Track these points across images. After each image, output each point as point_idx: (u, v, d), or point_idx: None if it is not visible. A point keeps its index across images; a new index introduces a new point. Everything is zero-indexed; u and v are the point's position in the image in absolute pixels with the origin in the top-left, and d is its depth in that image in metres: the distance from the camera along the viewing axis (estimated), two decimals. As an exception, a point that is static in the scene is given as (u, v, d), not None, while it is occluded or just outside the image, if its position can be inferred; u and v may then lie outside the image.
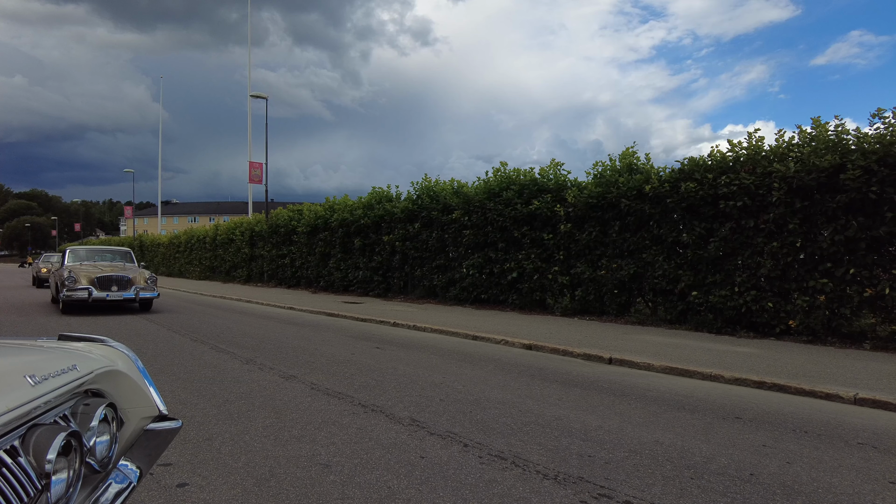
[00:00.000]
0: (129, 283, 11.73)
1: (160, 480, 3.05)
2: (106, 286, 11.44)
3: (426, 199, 14.20)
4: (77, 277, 11.28)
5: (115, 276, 11.64)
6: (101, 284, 11.41)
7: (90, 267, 12.25)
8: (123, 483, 1.59)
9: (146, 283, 12.04)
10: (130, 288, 11.71)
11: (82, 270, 11.72)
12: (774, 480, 3.15)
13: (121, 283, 11.64)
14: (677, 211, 9.23)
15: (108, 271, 11.81)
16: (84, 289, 11.16)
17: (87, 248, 14.20)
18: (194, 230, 29.73)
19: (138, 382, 1.75)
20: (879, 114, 7.44)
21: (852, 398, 4.95)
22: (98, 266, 12.47)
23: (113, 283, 11.54)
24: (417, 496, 2.87)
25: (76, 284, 11.17)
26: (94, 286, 11.29)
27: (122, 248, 14.46)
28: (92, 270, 11.78)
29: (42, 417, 1.33)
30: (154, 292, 12.08)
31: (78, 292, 11.12)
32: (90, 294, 11.15)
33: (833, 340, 7.59)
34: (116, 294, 11.49)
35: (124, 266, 12.94)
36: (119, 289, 11.55)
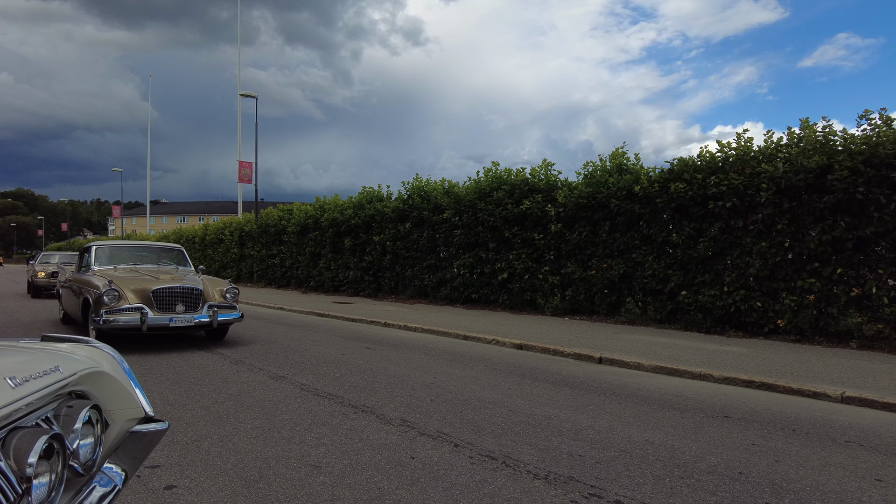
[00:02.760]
0: (200, 300, 7.53)
1: (147, 483, 3.01)
2: (168, 304, 7.26)
3: (417, 198, 14.18)
4: (122, 291, 7.09)
5: (179, 289, 7.37)
6: (160, 302, 7.20)
7: (133, 274, 8.00)
8: (108, 486, 1.56)
9: (224, 297, 7.81)
10: (202, 307, 7.52)
11: (126, 280, 7.46)
12: (763, 479, 3.17)
13: (189, 298, 7.43)
14: (667, 211, 9.28)
15: (165, 280, 7.49)
16: (134, 309, 7.02)
17: (117, 244, 9.62)
18: (183, 230, 29.51)
19: (123, 384, 1.72)
20: (866, 115, 7.52)
21: (839, 397, 4.99)
22: (143, 272, 8.19)
23: (178, 299, 7.33)
24: (408, 497, 2.86)
25: (120, 302, 7.00)
26: (150, 305, 7.12)
27: (171, 245, 9.86)
28: (140, 279, 7.56)
29: (23, 420, 1.30)
30: (236, 312, 7.86)
31: (124, 315, 6.95)
32: (144, 318, 6.96)
33: (820, 339, 7.66)
34: (184, 317, 7.24)
35: (182, 272, 8.64)
36: (187, 308, 7.38)
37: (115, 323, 6.89)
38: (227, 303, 7.79)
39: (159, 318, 7.08)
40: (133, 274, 8.00)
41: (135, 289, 7.23)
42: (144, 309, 7.04)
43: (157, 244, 9.92)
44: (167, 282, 7.44)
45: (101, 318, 6.85)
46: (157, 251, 9.69)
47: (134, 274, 8.00)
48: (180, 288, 7.40)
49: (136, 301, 7.10)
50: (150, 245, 9.89)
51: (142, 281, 7.49)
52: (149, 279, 7.58)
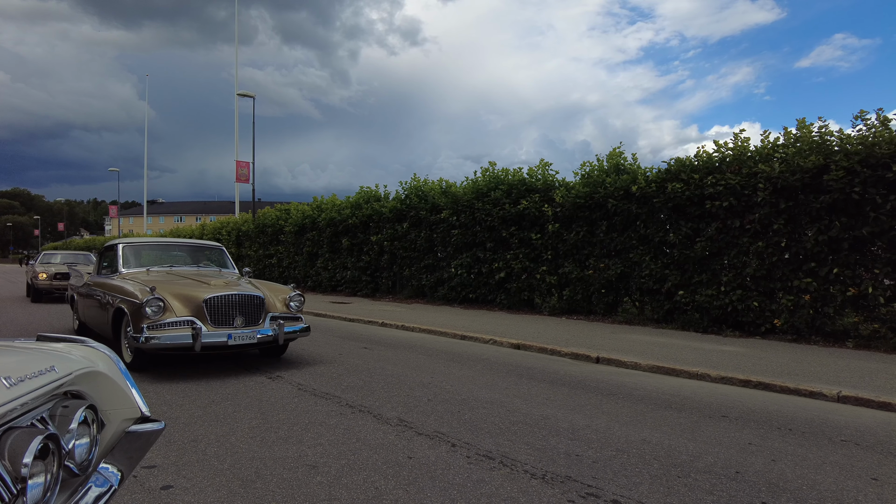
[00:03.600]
0: (262, 310, 6.10)
1: (144, 483, 3.01)
2: (224, 317, 5.81)
3: (415, 198, 14.17)
4: (167, 301, 5.67)
5: (237, 297, 5.93)
6: (214, 314, 5.76)
7: (174, 278, 6.54)
8: (104, 486, 1.56)
9: (287, 306, 6.41)
10: (264, 318, 6.08)
11: (168, 286, 6.02)
12: (760, 478, 3.18)
13: (249, 309, 5.99)
14: (664, 211, 9.29)
15: (218, 287, 6.04)
16: (183, 323, 5.62)
17: (149, 241, 8.23)
18: (180, 230, 29.45)
19: (119, 383, 1.72)
20: (862, 115, 7.54)
21: (836, 396, 5.01)
22: (184, 276, 6.76)
23: (236, 310, 5.89)
24: (405, 496, 2.85)
25: (166, 315, 5.59)
26: (202, 317, 5.70)
27: (210, 244, 8.27)
28: (186, 285, 6.11)
29: (18, 420, 1.30)
30: (302, 323, 6.46)
31: (171, 331, 5.55)
32: (197, 335, 5.52)
33: (817, 339, 7.68)
34: (245, 333, 5.80)
35: (228, 275, 7.26)
36: (247, 321, 5.94)
37: (161, 341, 5.40)
38: (291, 313, 6.35)
39: (215, 335, 5.58)
40: (174, 278, 6.52)
41: (183, 297, 5.75)
42: (197, 323, 5.58)
43: (194, 241, 8.32)
44: (221, 288, 5.96)
45: (141, 336, 5.37)
46: (195, 250, 8.13)
47: (175, 278, 6.52)
48: (238, 296, 5.90)
49: (186, 313, 5.64)
50: (187, 243, 8.29)
51: (189, 287, 6.01)
52: (196, 285, 6.11)
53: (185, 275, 6.83)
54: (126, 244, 7.61)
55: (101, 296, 6.79)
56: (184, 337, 5.52)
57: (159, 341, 5.46)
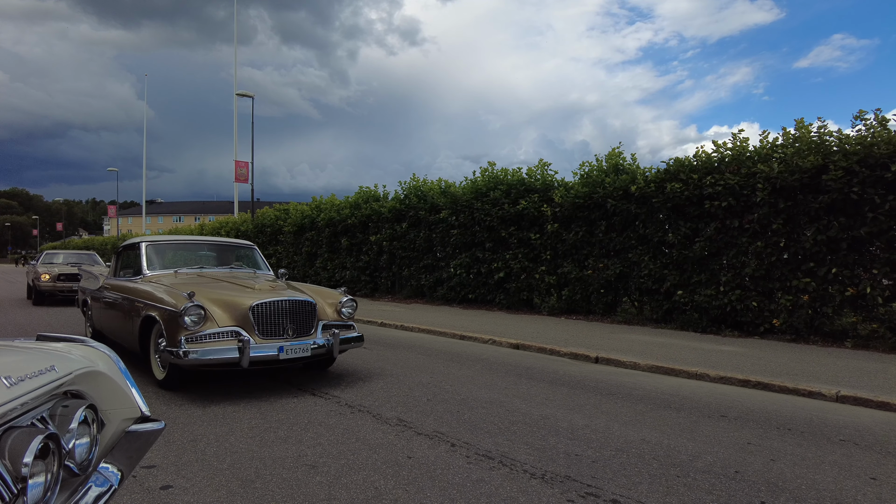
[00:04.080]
0: (314, 319, 5.30)
1: (144, 482, 3.00)
2: (273, 327, 4.99)
3: (414, 198, 14.17)
4: (209, 312, 4.84)
5: (287, 304, 5.11)
6: (263, 324, 4.94)
7: (209, 282, 5.75)
8: (104, 486, 1.56)
9: (339, 313, 5.65)
10: (316, 327, 5.28)
11: (206, 291, 5.19)
12: (759, 477, 3.18)
13: (300, 317, 5.17)
14: (663, 211, 9.30)
15: (264, 292, 5.21)
16: (228, 334, 4.81)
17: (174, 239, 7.06)
18: (179, 230, 29.44)
19: (119, 383, 1.72)
20: (861, 116, 7.55)
21: (834, 396, 5.02)
22: (220, 279, 5.96)
23: (286, 318, 5.07)
24: (405, 496, 2.85)
25: (207, 325, 4.78)
26: (248, 328, 4.88)
27: (242, 242, 7.35)
28: (227, 290, 5.30)
29: (18, 420, 1.30)
30: (356, 331, 5.71)
31: (214, 344, 4.73)
32: (245, 348, 4.68)
33: (815, 339, 7.69)
34: (297, 345, 4.99)
35: (263, 277, 6.44)
36: (297, 331, 5.11)
37: (202, 356, 4.56)
38: (342, 320, 5.61)
39: (264, 348, 4.77)
40: (208, 281, 5.73)
41: (225, 304, 4.93)
42: (243, 334, 4.77)
43: (224, 240, 7.42)
44: (267, 293, 5.12)
45: (179, 349, 4.55)
46: (225, 249, 7.20)
47: (210, 281, 5.73)
48: (289, 302, 5.07)
49: (229, 322, 4.82)
50: (217, 241, 7.35)
51: (230, 292, 5.18)
52: (238, 289, 5.31)
53: (220, 277, 6.05)
54: (150, 243, 6.63)
55: (123, 302, 5.97)
56: (229, 351, 4.65)
57: (200, 356, 4.57)
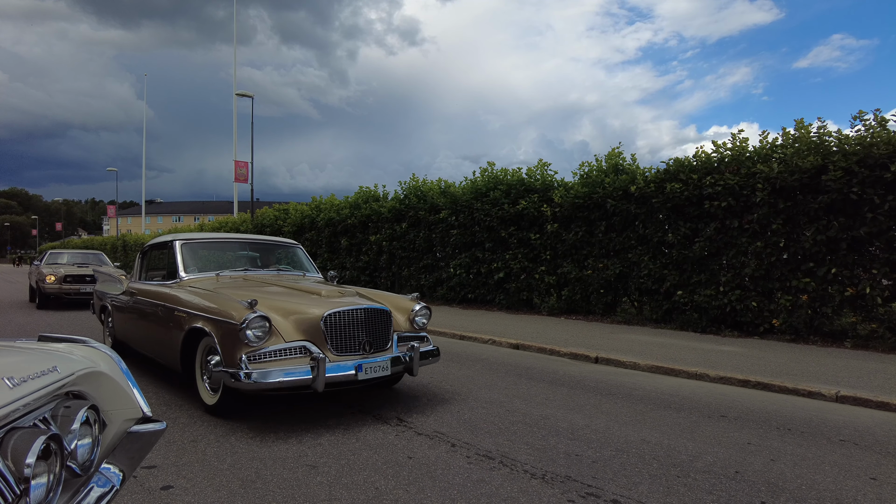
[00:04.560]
0: (390, 330, 4.59)
1: (144, 483, 3.01)
2: (348, 341, 4.25)
3: (413, 198, 14.17)
4: (274, 324, 4.06)
5: (362, 313, 4.37)
6: (337, 337, 4.22)
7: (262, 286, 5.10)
8: (106, 486, 1.56)
9: (412, 323, 4.90)
10: (391, 340, 4.58)
11: (266, 298, 4.40)
12: (759, 478, 3.19)
13: (376, 328, 4.45)
14: (663, 211, 9.30)
15: (333, 298, 4.53)
16: (297, 350, 4.06)
17: (211, 238, 6.16)
18: (179, 230, 29.42)
19: (121, 384, 1.72)
20: (860, 116, 7.56)
21: (834, 396, 5.02)
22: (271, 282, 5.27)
23: (361, 330, 4.33)
24: (405, 496, 2.86)
25: (272, 340, 4.01)
26: (320, 342, 4.14)
27: (286, 241, 6.57)
28: (289, 298, 4.53)
29: (21, 420, 1.30)
30: (431, 344, 4.93)
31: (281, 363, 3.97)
32: (320, 368, 3.90)
33: (815, 339, 7.69)
34: (377, 362, 4.25)
35: (313, 279, 5.85)
36: (373, 346, 4.39)
37: (269, 379, 3.75)
38: (415, 331, 4.85)
39: (341, 366, 4.02)
40: (261, 286, 5.01)
41: (290, 314, 4.15)
42: (314, 350, 4.02)
43: (267, 238, 6.51)
44: (337, 300, 4.40)
45: (241, 370, 3.77)
46: (268, 249, 6.39)
47: (263, 286, 5.00)
48: (364, 311, 4.32)
49: (298, 336, 4.05)
50: (259, 240, 6.46)
51: (294, 299, 4.44)
52: (301, 295, 4.59)
53: (269, 281, 5.30)
54: (185, 242, 5.72)
55: (157, 310, 5.10)
56: (301, 371, 3.86)
57: (267, 378, 3.75)
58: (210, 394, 4.38)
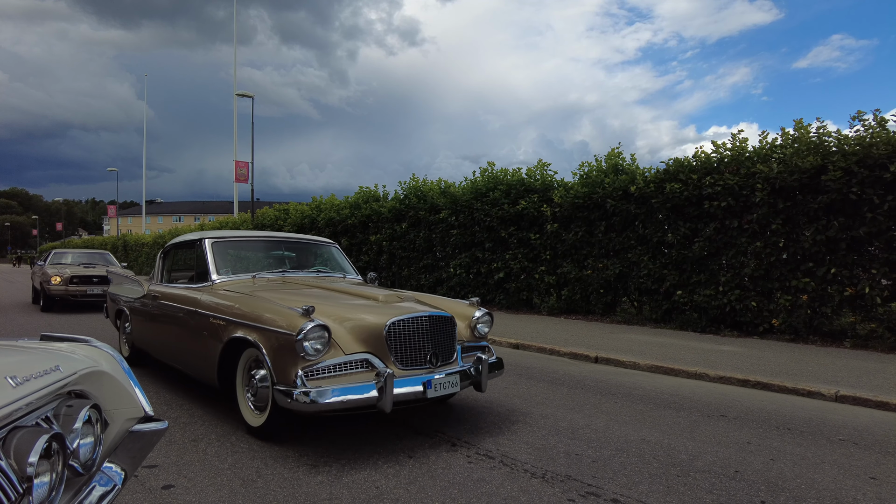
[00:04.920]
0: (454, 340, 4.08)
1: (145, 482, 3.01)
2: (414, 353, 3.75)
3: (413, 198, 14.18)
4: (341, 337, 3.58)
5: (427, 320, 3.87)
6: (402, 348, 3.70)
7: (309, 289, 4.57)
8: (108, 485, 1.57)
9: (473, 331, 4.38)
10: (455, 352, 4.06)
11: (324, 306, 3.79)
12: (759, 477, 3.19)
13: (442, 337, 3.95)
14: (662, 211, 9.31)
15: (392, 304, 4.01)
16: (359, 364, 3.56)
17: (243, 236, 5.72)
18: (179, 230, 29.43)
19: (123, 383, 1.73)
20: (859, 116, 7.57)
21: (833, 395, 5.03)
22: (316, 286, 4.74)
23: (426, 340, 3.83)
24: (406, 495, 2.86)
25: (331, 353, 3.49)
26: (385, 356, 3.63)
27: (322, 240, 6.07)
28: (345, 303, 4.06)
29: (23, 419, 1.31)
30: (494, 354, 4.46)
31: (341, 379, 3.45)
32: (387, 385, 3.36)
33: (815, 339, 7.70)
34: (446, 379, 3.72)
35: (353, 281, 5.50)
36: (439, 358, 3.87)
37: (331, 399, 3.27)
38: (476, 340, 4.37)
39: (408, 381, 3.55)
40: (306, 289, 4.48)
41: (348, 322, 3.67)
42: (381, 365, 3.52)
43: (303, 237, 6.00)
44: (396, 306, 3.94)
45: (297, 389, 3.28)
46: (305, 248, 5.87)
47: (308, 290, 4.47)
48: (429, 318, 3.86)
49: (358, 347, 3.58)
50: (295, 238, 5.93)
51: (351, 304, 4.01)
52: (356, 300, 4.15)
53: (314, 283, 4.78)
54: (216, 240, 5.14)
55: (187, 317, 4.59)
56: (365, 388, 3.35)
57: (328, 398, 3.26)
58: (255, 413, 3.82)
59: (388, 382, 3.36)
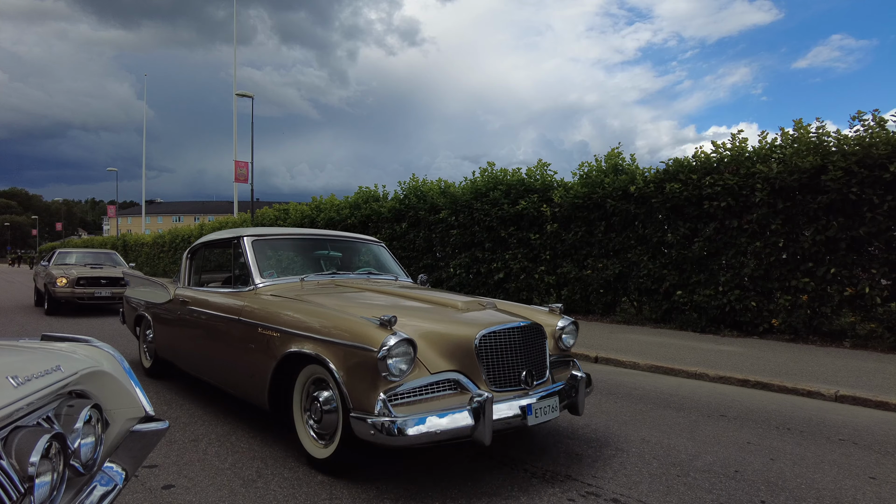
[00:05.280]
0: (546, 355, 3.50)
1: (146, 482, 3.01)
2: (507, 371, 3.19)
3: (413, 198, 14.18)
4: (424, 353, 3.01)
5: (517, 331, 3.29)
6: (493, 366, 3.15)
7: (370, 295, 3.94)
8: (108, 485, 1.57)
9: (559, 342, 3.85)
10: (547, 368, 3.48)
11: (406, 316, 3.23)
12: (759, 477, 3.20)
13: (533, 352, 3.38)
14: (662, 211, 9.31)
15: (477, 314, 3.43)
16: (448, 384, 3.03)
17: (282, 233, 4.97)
18: (179, 230, 29.41)
19: (124, 383, 1.73)
20: (859, 116, 7.57)
21: (833, 395, 5.03)
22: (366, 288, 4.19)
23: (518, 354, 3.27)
24: (406, 495, 2.86)
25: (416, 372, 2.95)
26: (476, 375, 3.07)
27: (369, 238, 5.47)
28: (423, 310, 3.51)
29: (25, 419, 1.31)
30: (580, 370, 3.66)
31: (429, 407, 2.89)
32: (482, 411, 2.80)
33: (814, 339, 7.71)
34: (546, 402, 3.17)
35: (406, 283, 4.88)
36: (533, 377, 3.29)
37: (420, 429, 2.73)
38: (561, 354, 3.86)
39: (505, 406, 3.01)
40: (365, 295, 3.92)
41: (431, 335, 3.14)
42: (472, 387, 3.03)
43: (349, 235, 5.34)
44: (481, 315, 3.40)
45: (382, 417, 2.75)
46: (353, 247, 5.24)
47: (368, 295, 3.92)
48: (520, 329, 3.31)
49: (446, 364, 3.07)
50: (341, 237, 5.23)
51: (429, 313, 3.44)
52: (433, 308, 3.56)
53: (375, 288, 4.17)
54: (256, 238, 4.51)
55: (228, 326, 4.03)
56: (458, 415, 2.81)
57: (418, 428, 2.71)
58: (317, 444, 3.22)
59: (487, 408, 2.81)
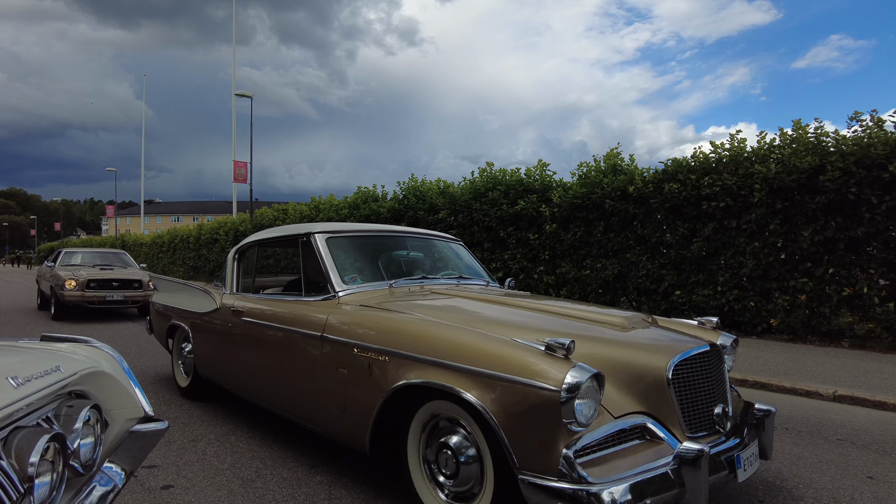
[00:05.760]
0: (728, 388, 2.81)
1: (145, 482, 3.02)
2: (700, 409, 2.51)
3: (412, 198, 14.18)
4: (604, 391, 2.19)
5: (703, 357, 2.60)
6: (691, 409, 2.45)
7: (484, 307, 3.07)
8: (108, 485, 1.58)
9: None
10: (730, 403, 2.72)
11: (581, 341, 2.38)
12: (757, 477, 3.20)
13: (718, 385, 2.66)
14: (661, 211, 9.32)
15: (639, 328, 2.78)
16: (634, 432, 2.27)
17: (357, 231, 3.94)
18: (178, 230, 29.40)
19: (123, 383, 1.74)
20: (857, 117, 7.58)
21: (832, 395, 5.04)
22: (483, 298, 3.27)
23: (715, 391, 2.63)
24: (406, 495, 2.87)
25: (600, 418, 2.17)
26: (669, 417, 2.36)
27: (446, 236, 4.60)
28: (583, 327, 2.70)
29: (24, 420, 1.31)
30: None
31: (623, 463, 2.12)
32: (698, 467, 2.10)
33: (813, 339, 7.72)
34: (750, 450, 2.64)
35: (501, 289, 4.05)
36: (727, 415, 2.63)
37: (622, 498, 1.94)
38: None
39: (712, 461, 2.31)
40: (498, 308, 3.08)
41: (608, 362, 2.39)
42: (667, 435, 2.30)
43: (428, 232, 4.46)
44: (656, 335, 2.76)
45: (565, 484, 1.95)
46: (433, 247, 4.40)
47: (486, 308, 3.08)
48: (706, 353, 2.64)
49: (631, 405, 2.34)
50: (420, 234, 4.37)
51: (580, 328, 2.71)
52: (593, 327, 2.74)
53: (484, 297, 3.34)
54: (331, 236, 3.67)
55: (307, 345, 3.19)
56: (659, 474, 2.12)
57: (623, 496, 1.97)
58: None
59: (704, 465, 2.12)
